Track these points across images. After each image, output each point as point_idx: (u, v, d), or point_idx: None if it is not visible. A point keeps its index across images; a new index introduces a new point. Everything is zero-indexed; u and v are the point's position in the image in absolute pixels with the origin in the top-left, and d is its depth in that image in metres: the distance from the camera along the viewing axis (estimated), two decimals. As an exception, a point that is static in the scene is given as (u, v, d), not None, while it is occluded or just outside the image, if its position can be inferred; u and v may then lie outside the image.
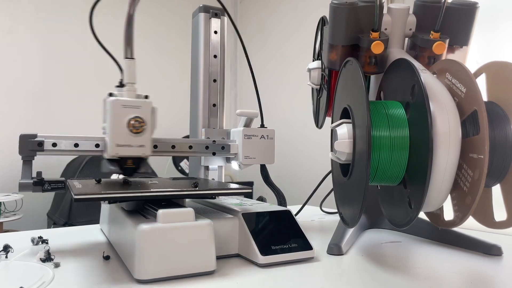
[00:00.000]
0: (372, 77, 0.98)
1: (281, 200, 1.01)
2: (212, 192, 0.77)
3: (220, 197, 1.01)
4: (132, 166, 0.85)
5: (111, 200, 0.76)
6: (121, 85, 0.88)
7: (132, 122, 0.81)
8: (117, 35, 0.92)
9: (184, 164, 3.49)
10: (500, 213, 0.78)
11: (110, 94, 0.85)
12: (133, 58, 0.85)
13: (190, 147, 0.95)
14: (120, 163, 0.84)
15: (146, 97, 0.86)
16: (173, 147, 0.93)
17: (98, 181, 0.86)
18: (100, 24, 0.95)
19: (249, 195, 0.96)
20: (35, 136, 0.83)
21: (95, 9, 0.88)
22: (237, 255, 0.81)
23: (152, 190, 0.71)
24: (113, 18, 2.55)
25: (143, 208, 0.80)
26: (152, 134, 0.85)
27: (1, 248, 0.82)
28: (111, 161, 0.84)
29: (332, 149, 0.84)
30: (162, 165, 3.42)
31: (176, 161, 3.51)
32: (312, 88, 1.19)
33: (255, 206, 0.90)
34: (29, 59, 3.25)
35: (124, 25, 0.83)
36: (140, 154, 0.83)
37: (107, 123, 0.83)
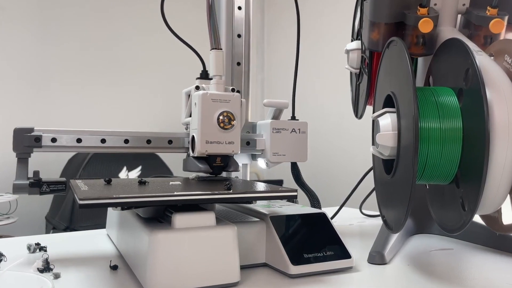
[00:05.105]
0: (420, 60, 0.98)
1: (315, 202, 1.01)
2: (249, 196, 0.76)
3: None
4: (221, 164, 0.88)
5: (125, 206, 0.74)
6: (204, 76, 0.92)
7: (221, 117, 0.85)
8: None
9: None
10: None
11: (197, 87, 0.89)
12: (220, 49, 0.88)
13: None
14: (209, 161, 0.87)
15: (233, 90, 0.89)
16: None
17: (108, 182, 0.85)
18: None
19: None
20: (31, 130, 0.84)
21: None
22: (264, 265, 0.82)
23: (176, 193, 0.69)
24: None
25: (163, 215, 0.78)
26: (240, 130, 0.89)
27: (-7, 257, 0.83)
28: (199, 159, 0.87)
29: (373, 142, 0.85)
30: (178, 162, 3.41)
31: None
32: (351, 73, 1.19)
33: (285, 208, 0.90)
34: (24, 41, 3.25)
35: (206, 16, 0.87)
36: (229, 151, 0.87)
37: (194, 118, 0.87)
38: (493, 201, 0.72)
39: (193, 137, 0.88)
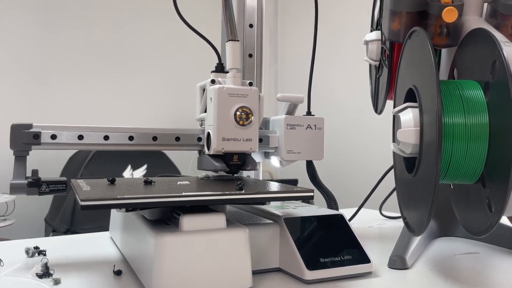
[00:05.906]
0: (443, 52, 0.99)
1: (332, 203, 1.01)
2: (262, 196, 0.76)
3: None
4: (238, 162, 0.89)
5: (130, 207, 0.73)
6: (220, 70, 0.93)
7: (238, 113, 0.85)
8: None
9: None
10: None
11: (213, 81, 0.90)
12: (237, 40, 0.89)
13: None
14: (226, 159, 0.88)
15: (251, 84, 0.90)
16: (199, 139, 0.95)
17: (111, 181, 0.85)
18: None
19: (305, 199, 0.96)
20: (30, 126, 0.84)
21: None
22: (278, 270, 0.82)
23: (184, 194, 0.69)
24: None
25: (170, 217, 0.78)
26: (259, 126, 0.90)
27: (-11, 261, 0.83)
28: (215, 157, 0.88)
29: (394, 139, 0.85)
30: (186, 160, 3.37)
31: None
32: (370, 65, 1.20)
33: (299, 209, 0.91)
34: (23, 32, 3.26)
35: (222, 5, 0.88)
36: (247, 149, 0.88)
37: (209, 114, 0.87)
38: (522, 202, 0.72)
39: (208, 133, 0.88)
